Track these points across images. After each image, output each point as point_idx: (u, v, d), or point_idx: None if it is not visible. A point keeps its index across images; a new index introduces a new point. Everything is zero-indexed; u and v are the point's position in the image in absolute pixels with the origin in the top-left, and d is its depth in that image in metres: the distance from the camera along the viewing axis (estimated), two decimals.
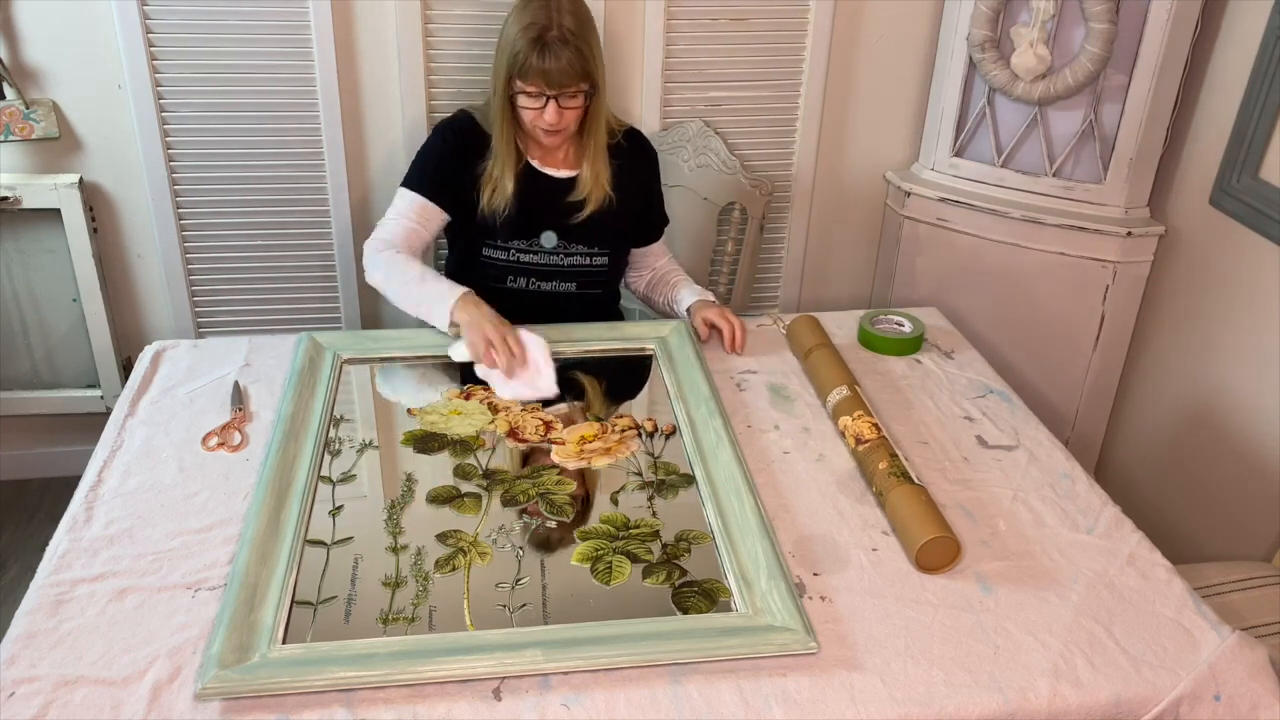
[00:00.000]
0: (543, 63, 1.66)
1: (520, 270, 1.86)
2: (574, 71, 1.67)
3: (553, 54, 1.65)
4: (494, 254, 1.85)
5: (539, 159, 1.84)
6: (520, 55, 1.67)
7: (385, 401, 1.64)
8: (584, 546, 1.28)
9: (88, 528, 1.29)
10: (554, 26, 1.66)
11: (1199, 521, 2.19)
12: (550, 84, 1.68)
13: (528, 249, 1.85)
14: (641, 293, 2.04)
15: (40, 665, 1.08)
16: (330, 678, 1.05)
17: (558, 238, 1.85)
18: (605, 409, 1.62)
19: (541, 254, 1.85)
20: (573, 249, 1.86)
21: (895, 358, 1.78)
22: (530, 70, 1.67)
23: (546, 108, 1.70)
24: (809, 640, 1.12)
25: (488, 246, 1.84)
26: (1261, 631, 1.54)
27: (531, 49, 1.66)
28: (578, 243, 1.86)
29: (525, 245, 1.84)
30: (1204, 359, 2.16)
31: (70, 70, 2.10)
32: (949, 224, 2.34)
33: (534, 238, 1.84)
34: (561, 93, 1.69)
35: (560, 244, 1.85)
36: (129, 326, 2.37)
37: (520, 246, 1.84)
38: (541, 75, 1.67)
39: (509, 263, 1.85)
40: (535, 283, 1.88)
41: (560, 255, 1.86)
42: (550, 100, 1.69)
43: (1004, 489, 1.43)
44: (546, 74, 1.66)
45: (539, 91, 1.69)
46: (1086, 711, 1.10)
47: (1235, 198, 2.02)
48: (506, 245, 1.84)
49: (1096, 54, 2.08)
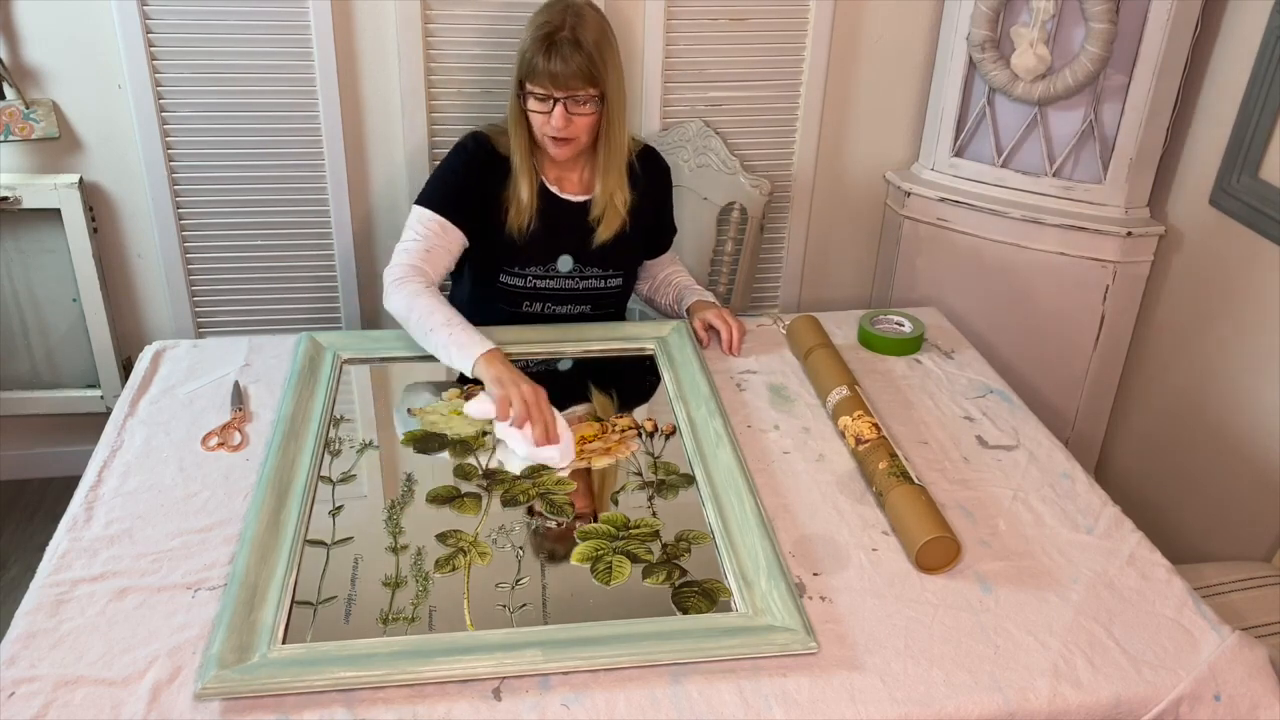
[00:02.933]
0: (549, 63, 1.64)
1: (537, 295, 1.84)
2: (581, 74, 1.64)
3: (560, 55, 1.63)
4: (511, 280, 1.82)
5: (555, 182, 1.82)
6: (529, 55, 1.66)
7: (385, 401, 1.64)
8: (584, 546, 1.28)
9: (88, 528, 1.29)
10: (565, 28, 1.64)
11: (1199, 521, 2.19)
12: (556, 85, 1.65)
13: (544, 274, 1.82)
14: (645, 296, 2.04)
15: (40, 665, 1.08)
16: (330, 678, 1.05)
17: (574, 261, 1.83)
18: (605, 409, 1.62)
19: (557, 278, 1.83)
20: (588, 272, 1.84)
21: (895, 358, 1.78)
22: (537, 71, 1.65)
23: (554, 112, 1.67)
24: (809, 640, 1.12)
25: (505, 273, 1.82)
26: (1261, 631, 1.54)
27: (539, 49, 1.65)
28: (593, 265, 1.84)
29: (542, 270, 1.82)
30: (1204, 359, 2.16)
31: (70, 70, 2.10)
32: (949, 224, 2.34)
33: (550, 263, 1.82)
34: (569, 96, 1.66)
35: (576, 268, 1.83)
36: (129, 326, 2.37)
37: (537, 272, 1.82)
38: (548, 76, 1.65)
39: (526, 289, 1.83)
40: (550, 307, 1.86)
41: (576, 279, 1.84)
42: (557, 104, 1.67)
43: (1004, 489, 1.43)
44: (553, 75, 1.64)
45: (546, 94, 1.67)
46: (1086, 711, 1.10)
47: (1235, 198, 2.02)
48: (524, 272, 1.82)
49: (1096, 54, 2.08)
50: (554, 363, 1.76)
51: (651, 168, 1.90)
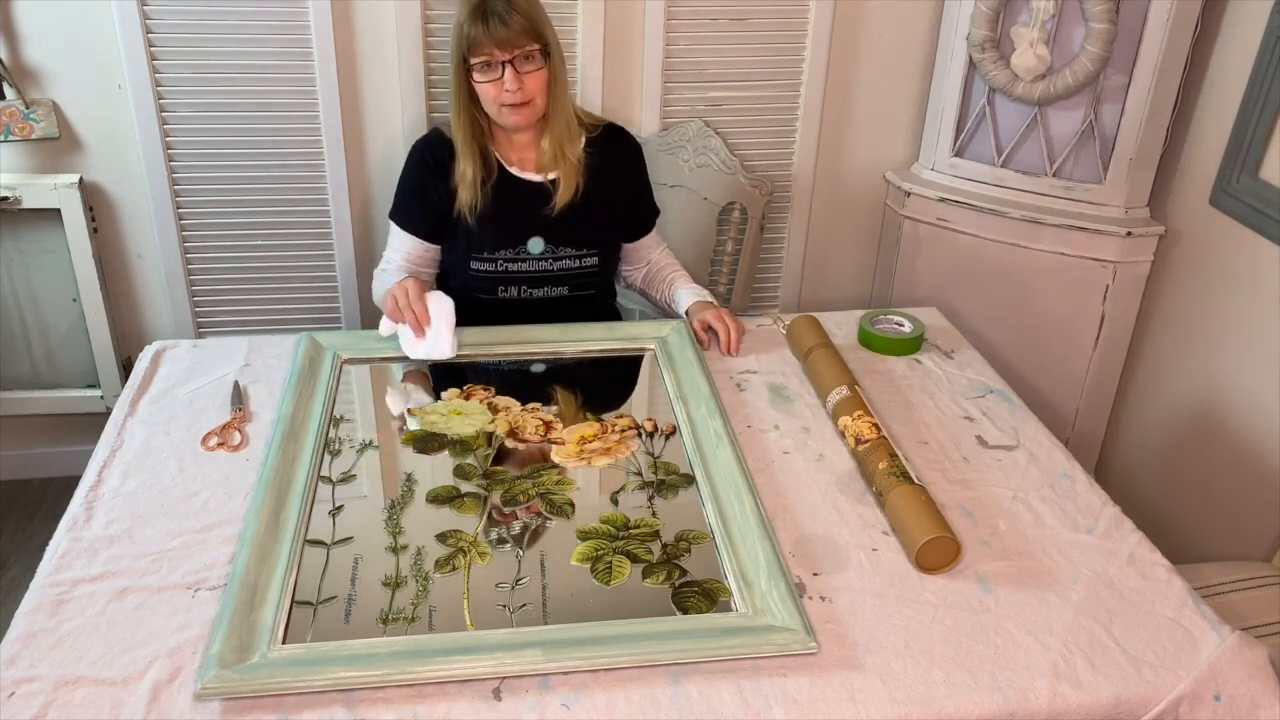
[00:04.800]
0: (488, 29, 1.65)
1: (510, 280, 1.85)
2: (523, 30, 1.66)
3: (497, 17, 1.65)
4: (482, 266, 1.84)
5: (516, 164, 1.83)
6: (466, 29, 1.68)
7: (385, 402, 1.64)
8: (584, 546, 1.28)
9: (88, 528, 1.29)
10: None
11: (1199, 521, 2.19)
12: (500, 47, 1.66)
13: (515, 257, 1.84)
14: (638, 286, 2.03)
15: (40, 665, 1.08)
16: (330, 678, 1.05)
17: (545, 242, 1.84)
18: (605, 409, 1.62)
19: (530, 260, 1.84)
20: (561, 252, 1.85)
21: (895, 358, 1.78)
22: (478, 40, 1.67)
23: (505, 77, 1.68)
24: (809, 640, 1.12)
25: (475, 259, 1.83)
26: (1261, 631, 1.54)
27: (475, 20, 1.66)
28: (565, 245, 1.85)
29: (512, 254, 1.83)
30: (1204, 359, 2.16)
31: (70, 70, 2.10)
32: (949, 224, 2.34)
33: (520, 245, 1.83)
34: (515, 56, 1.68)
35: (548, 248, 1.84)
36: (129, 326, 2.37)
37: (507, 256, 1.83)
38: (490, 40, 1.66)
39: (497, 274, 1.84)
40: (527, 290, 1.87)
41: (549, 260, 1.85)
42: (506, 67, 1.68)
43: (1004, 489, 1.43)
44: (495, 38, 1.66)
45: (491, 60, 1.68)
46: (1086, 711, 1.10)
47: (1235, 198, 2.02)
48: (494, 256, 1.83)
49: (1096, 54, 2.08)
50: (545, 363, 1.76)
51: (618, 143, 1.90)
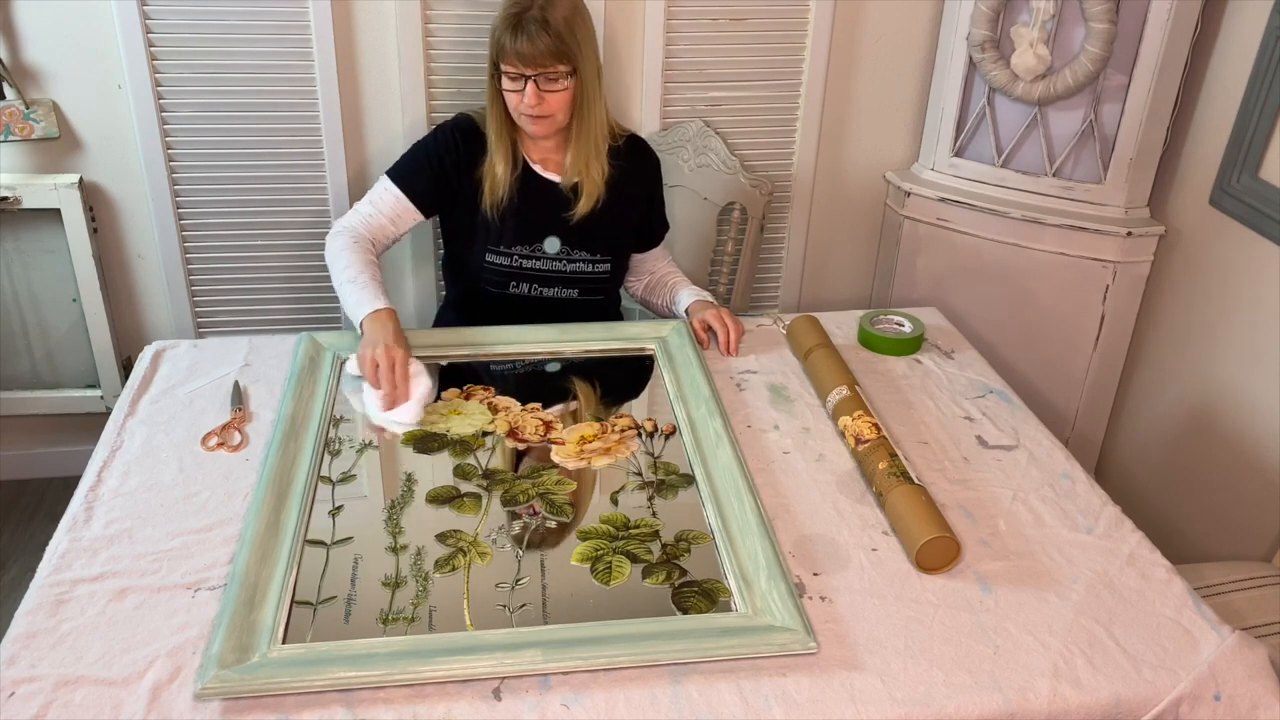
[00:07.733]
0: (516, 43, 1.66)
1: (523, 276, 1.86)
2: (549, 51, 1.67)
3: (527, 34, 1.66)
4: (497, 260, 1.85)
5: (539, 162, 1.84)
6: (498, 36, 1.69)
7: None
8: (584, 546, 1.28)
9: (88, 528, 1.29)
10: (533, 7, 1.67)
11: (1199, 521, 2.19)
12: (525, 63, 1.67)
13: (530, 254, 1.85)
14: (640, 296, 2.04)
15: (40, 665, 1.08)
16: (330, 678, 1.05)
17: (561, 243, 1.85)
18: (605, 409, 1.62)
19: (544, 260, 1.85)
20: (575, 255, 1.86)
21: (895, 358, 1.78)
22: (506, 50, 1.68)
23: (525, 90, 1.70)
24: (809, 640, 1.12)
25: (490, 252, 1.84)
26: (1261, 631, 1.54)
27: (507, 29, 1.67)
28: (580, 249, 1.86)
29: (528, 250, 1.84)
30: (1204, 359, 2.16)
31: (70, 70, 2.10)
32: (949, 224, 2.34)
33: (537, 243, 1.84)
34: (539, 74, 1.69)
35: (563, 250, 1.85)
36: (129, 326, 2.37)
37: (523, 252, 1.84)
38: (516, 55, 1.67)
39: (511, 269, 1.85)
40: (537, 289, 1.87)
41: (563, 261, 1.86)
42: (529, 82, 1.69)
43: (1004, 489, 1.43)
44: (521, 55, 1.67)
45: (517, 73, 1.69)
46: (1086, 711, 1.10)
47: (1235, 198, 2.02)
48: (509, 251, 1.84)
49: (1096, 54, 2.08)
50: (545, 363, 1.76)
51: (640, 155, 1.91)
